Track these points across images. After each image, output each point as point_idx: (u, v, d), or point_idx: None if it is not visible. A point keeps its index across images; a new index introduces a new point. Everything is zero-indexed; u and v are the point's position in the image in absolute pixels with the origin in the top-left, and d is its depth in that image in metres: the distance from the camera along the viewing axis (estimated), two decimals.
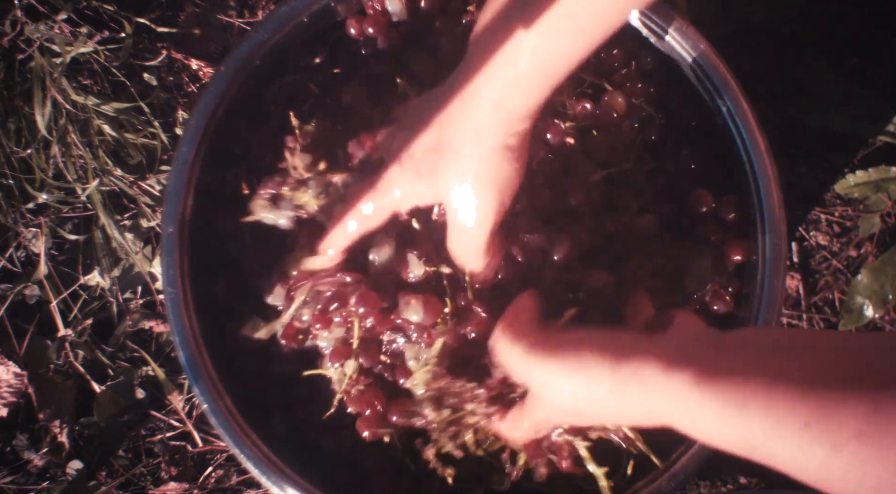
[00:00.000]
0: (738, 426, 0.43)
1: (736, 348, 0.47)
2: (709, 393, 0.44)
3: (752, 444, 0.43)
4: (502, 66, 0.53)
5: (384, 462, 0.67)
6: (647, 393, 0.48)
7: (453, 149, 0.56)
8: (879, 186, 0.86)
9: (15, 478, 0.87)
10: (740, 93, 0.66)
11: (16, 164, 0.88)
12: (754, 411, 0.42)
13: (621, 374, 0.48)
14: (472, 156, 0.56)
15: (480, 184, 0.56)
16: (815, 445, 0.40)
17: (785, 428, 0.41)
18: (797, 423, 0.41)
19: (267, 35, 0.69)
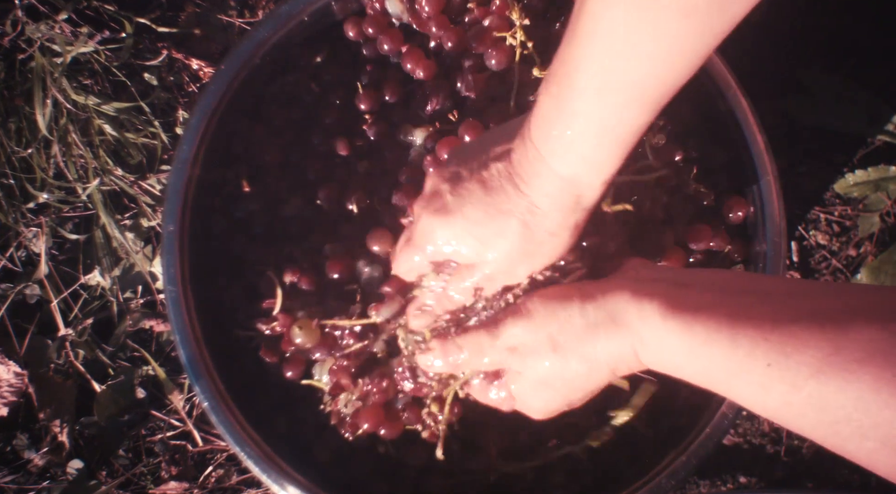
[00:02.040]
0: (704, 361, 0.45)
1: (700, 286, 0.48)
2: (676, 326, 0.46)
3: (716, 379, 0.46)
4: (574, 144, 0.49)
5: (384, 461, 0.67)
6: (616, 324, 0.49)
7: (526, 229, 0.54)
8: (879, 185, 0.86)
9: (15, 478, 0.87)
10: (740, 92, 0.67)
11: (16, 164, 0.88)
12: (719, 348, 0.44)
13: (590, 306, 0.50)
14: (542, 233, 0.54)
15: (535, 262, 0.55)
16: (776, 383, 0.42)
17: (748, 367, 0.43)
18: (759, 363, 0.43)
19: (267, 34, 0.69)
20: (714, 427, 0.63)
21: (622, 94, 0.46)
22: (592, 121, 0.48)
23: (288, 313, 0.66)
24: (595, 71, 0.46)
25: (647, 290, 0.49)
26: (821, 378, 0.40)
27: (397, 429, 0.65)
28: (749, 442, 0.86)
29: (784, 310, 0.44)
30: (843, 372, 0.40)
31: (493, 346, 0.55)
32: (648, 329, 0.48)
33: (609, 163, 0.50)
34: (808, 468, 0.85)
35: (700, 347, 0.45)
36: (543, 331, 0.52)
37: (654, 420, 0.67)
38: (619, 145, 0.49)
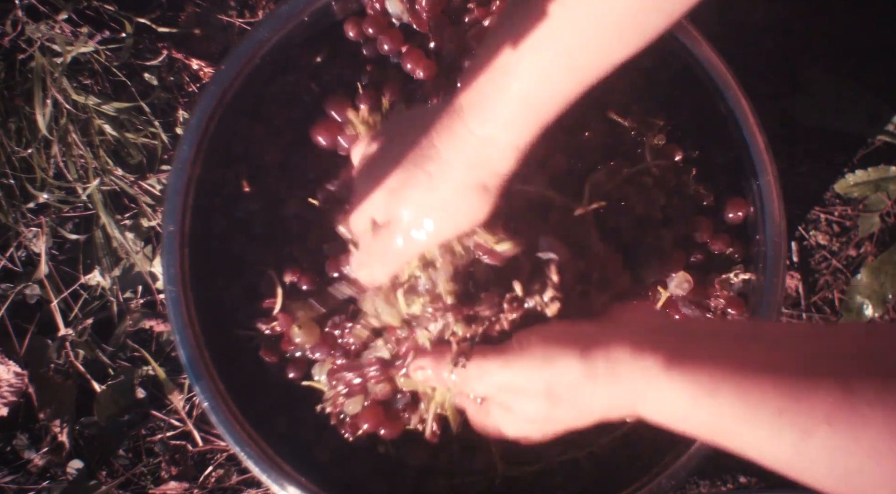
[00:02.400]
0: (709, 411, 0.44)
1: (704, 335, 0.47)
2: (679, 378, 0.45)
3: (722, 430, 0.44)
4: (494, 105, 0.51)
5: (384, 461, 0.67)
6: (616, 377, 0.47)
7: (430, 181, 0.54)
8: (879, 186, 0.86)
9: (15, 478, 0.87)
10: (740, 92, 0.67)
11: (16, 164, 0.88)
12: (726, 397, 0.43)
13: (590, 359, 0.48)
14: (447, 189, 0.54)
15: (444, 218, 0.55)
16: (786, 431, 0.41)
17: (757, 415, 0.42)
18: (770, 410, 0.41)
19: (267, 34, 0.69)
20: None
21: (559, 67, 0.47)
22: (522, 88, 0.49)
23: (287, 313, 0.66)
24: (533, 44, 0.47)
25: (648, 343, 0.47)
26: (832, 424, 0.39)
27: (397, 429, 0.65)
28: None
29: (791, 355, 0.43)
30: (854, 417, 0.39)
31: (482, 380, 0.53)
32: (650, 385, 0.46)
33: (526, 131, 0.51)
34: None
35: (706, 397, 0.44)
36: (539, 377, 0.50)
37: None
38: (539, 115, 0.50)
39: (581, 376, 0.48)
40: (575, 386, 0.49)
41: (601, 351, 0.48)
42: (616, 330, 0.50)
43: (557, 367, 0.49)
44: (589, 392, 0.49)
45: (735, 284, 0.67)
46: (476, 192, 0.54)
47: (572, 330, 0.52)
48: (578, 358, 0.49)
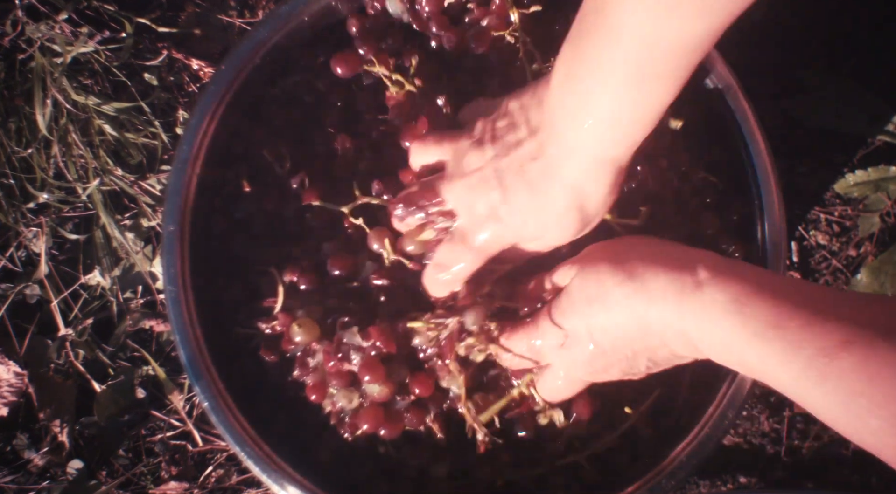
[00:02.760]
0: (749, 311, 0.47)
1: (747, 269, 0.51)
2: (728, 280, 0.49)
3: (756, 331, 0.47)
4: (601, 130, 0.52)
5: (384, 461, 0.67)
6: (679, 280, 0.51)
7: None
8: (879, 186, 0.86)
9: (15, 478, 0.87)
10: (740, 92, 0.67)
11: (16, 164, 0.88)
12: (766, 298, 0.47)
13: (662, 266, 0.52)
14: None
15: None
16: (805, 344, 0.44)
17: (787, 320, 0.45)
18: (797, 322, 0.45)
19: (267, 34, 0.69)
20: (714, 427, 0.63)
21: (657, 71, 0.49)
22: (625, 104, 0.51)
23: (288, 312, 0.66)
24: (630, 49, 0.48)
25: (719, 258, 0.52)
26: (848, 347, 0.42)
27: (397, 430, 0.65)
28: (749, 442, 0.86)
29: (832, 297, 0.47)
30: (870, 343, 0.41)
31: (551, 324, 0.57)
32: (708, 274, 0.50)
33: (640, 135, 0.54)
34: (808, 468, 0.85)
35: (744, 301, 0.47)
36: (611, 246, 0.57)
37: (654, 420, 0.67)
38: (652, 117, 0.52)
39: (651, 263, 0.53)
40: (642, 269, 0.52)
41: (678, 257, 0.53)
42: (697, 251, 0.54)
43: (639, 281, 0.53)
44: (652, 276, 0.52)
45: None
46: (613, 197, 0.58)
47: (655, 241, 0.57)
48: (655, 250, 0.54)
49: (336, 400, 0.65)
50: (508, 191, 0.58)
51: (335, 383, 0.65)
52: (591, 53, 0.50)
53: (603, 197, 0.57)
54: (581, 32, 0.50)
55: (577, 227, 0.59)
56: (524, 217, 0.58)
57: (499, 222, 0.59)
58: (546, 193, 0.56)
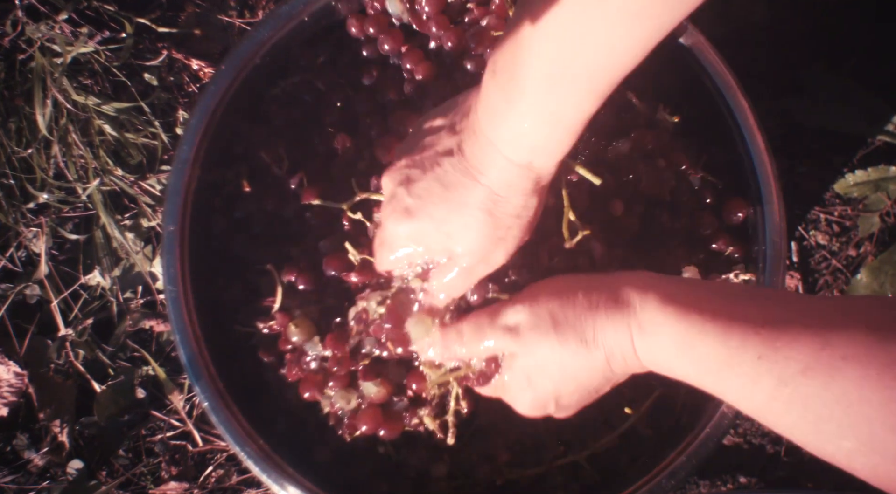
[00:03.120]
0: (697, 351, 0.46)
1: (697, 286, 0.51)
2: (673, 313, 0.47)
3: (707, 370, 0.46)
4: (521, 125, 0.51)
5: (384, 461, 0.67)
6: (617, 304, 0.50)
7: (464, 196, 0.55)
8: (879, 185, 0.86)
9: (15, 478, 0.87)
10: (740, 92, 0.67)
11: (16, 164, 0.88)
12: (713, 337, 0.45)
13: (594, 289, 0.52)
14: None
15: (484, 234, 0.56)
16: (764, 377, 0.43)
17: (738, 359, 0.44)
18: (750, 355, 0.43)
19: (267, 34, 0.69)
20: (714, 427, 0.63)
21: (573, 85, 0.47)
22: (543, 113, 0.49)
23: (285, 312, 0.66)
24: (546, 64, 0.47)
25: (648, 282, 0.51)
26: (808, 373, 0.41)
27: (396, 430, 0.65)
28: (749, 442, 0.86)
29: (777, 311, 0.45)
30: (829, 369, 0.41)
31: (492, 326, 0.56)
32: (647, 313, 0.49)
33: (560, 149, 0.52)
34: (808, 468, 0.85)
35: (695, 337, 0.46)
36: (545, 308, 0.53)
37: (654, 420, 0.67)
38: (569, 132, 0.51)
39: (585, 303, 0.51)
40: (579, 312, 0.52)
41: (605, 282, 0.52)
42: (621, 276, 0.53)
43: (562, 297, 0.52)
44: (592, 317, 0.51)
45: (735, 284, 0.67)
46: (531, 211, 0.56)
47: (580, 276, 0.55)
48: (583, 289, 0.52)
49: (335, 400, 0.65)
50: (419, 186, 0.56)
51: (333, 384, 0.65)
52: (514, 53, 0.48)
53: (517, 207, 0.55)
54: (510, 30, 0.49)
55: (488, 238, 0.56)
56: (436, 216, 0.56)
57: (410, 218, 0.57)
58: (459, 194, 0.55)
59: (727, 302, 0.47)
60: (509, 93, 0.49)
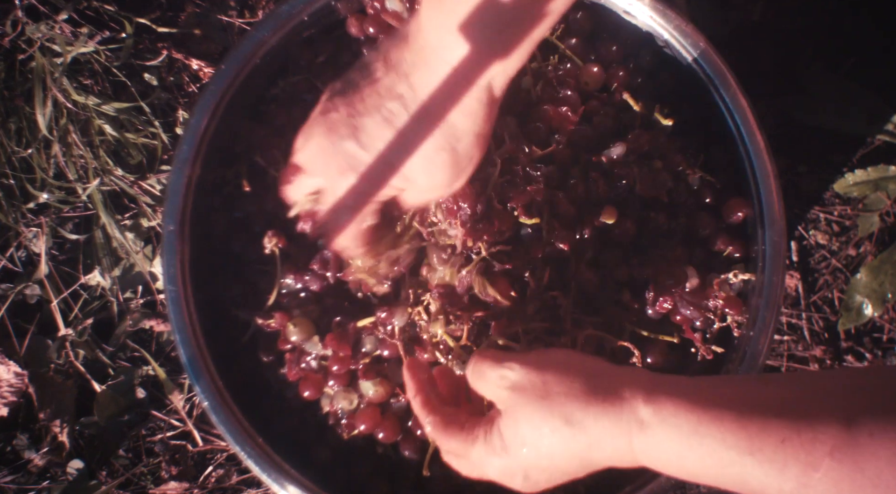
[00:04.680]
0: (711, 441, 0.43)
1: (706, 381, 0.48)
2: (682, 405, 0.45)
3: (726, 462, 0.43)
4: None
5: (384, 461, 0.67)
6: (619, 399, 0.47)
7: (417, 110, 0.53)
8: (878, 185, 0.86)
9: (15, 478, 0.87)
10: (740, 92, 0.66)
11: (17, 164, 0.88)
12: (729, 425, 0.43)
13: (596, 377, 0.49)
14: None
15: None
16: (790, 462, 0.40)
17: (760, 444, 0.41)
18: (772, 439, 0.41)
19: (267, 34, 0.69)
20: None
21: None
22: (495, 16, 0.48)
23: (285, 311, 0.66)
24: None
25: (652, 378, 0.48)
26: (836, 456, 0.39)
27: (395, 432, 0.65)
28: None
29: (794, 391, 0.43)
30: (858, 448, 0.38)
31: (492, 369, 0.53)
32: (650, 408, 0.46)
33: (515, 60, 0.51)
34: None
35: (707, 425, 0.43)
36: (541, 377, 0.50)
37: None
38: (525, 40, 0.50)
39: (585, 390, 0.48)
40: (580, 398, 0.49)
41: (608, 374, 0.49)
42: (625, 371, 0.50)
43: (563, 376, 0.50)
44: (582, 409, 0.48)
45: (735, 284, 0.67)
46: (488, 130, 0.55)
47: (590, 360, 0.52)
48: (586, 377, 0.49)
49: (335, 400, 0.66)
50: (363, 134, 0.54)
51: (334, 383, 0.65)
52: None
53: (474, 134, 0.54)
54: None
55: (450, 173, 0.55)
56: (388, 161, 0.55)
57: (358, 171, 0.56)
58: (412, 130, 0.53)
59: (739, 388, 0.45)
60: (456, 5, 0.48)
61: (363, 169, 0.55)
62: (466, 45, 0.49)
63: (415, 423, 0.65)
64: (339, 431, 0.66)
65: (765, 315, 0.64)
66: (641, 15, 0.68)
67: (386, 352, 0.65)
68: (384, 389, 0.64)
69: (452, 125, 0.53)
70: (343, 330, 0.65)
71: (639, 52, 0.71)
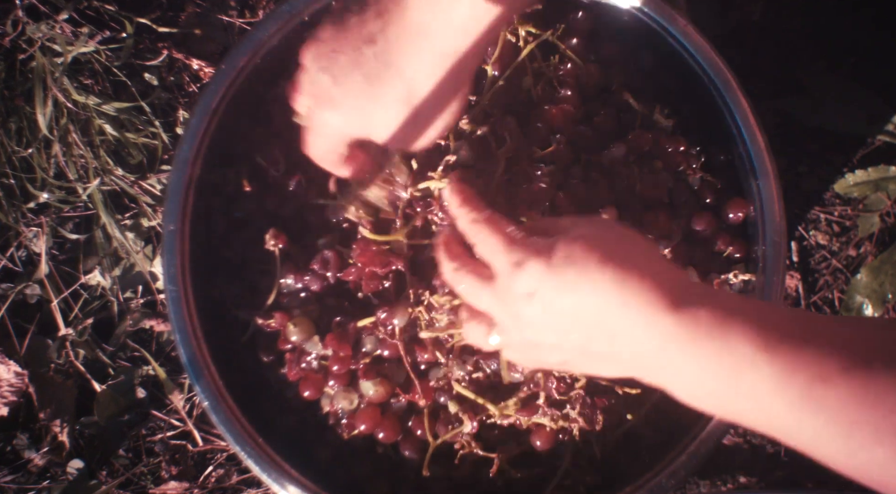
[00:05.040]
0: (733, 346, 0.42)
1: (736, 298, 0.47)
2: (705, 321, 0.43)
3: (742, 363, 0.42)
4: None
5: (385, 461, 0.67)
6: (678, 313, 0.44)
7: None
8: (878, 185, 0.86)
9: (15, 478, 0.87)
10: (740, 92, 0.67)
11: (17, 164, 0.88)
12: (748, 334, 0.42)
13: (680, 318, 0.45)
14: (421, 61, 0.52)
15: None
16: (800, 370, 0.41)
17: (775, 347, 0.41)
18: (786, 347, 0.41)
19: (268, 34, 0.69)
20: (714, 427, 0.63)
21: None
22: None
23: (285, 311, 0.66)
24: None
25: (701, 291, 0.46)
26: (846, 374, 0.39)
27: (395, 432, 0.65)
28: (749, 442, 0.86)
29: (818, 326, 0.43)
30: (871, 371, 0.39)
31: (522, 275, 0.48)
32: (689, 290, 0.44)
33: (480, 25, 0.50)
34: (808, 468, 0.85)
35: (733, 319, 0.42)
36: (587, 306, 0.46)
37: (654, 420, 0.67)
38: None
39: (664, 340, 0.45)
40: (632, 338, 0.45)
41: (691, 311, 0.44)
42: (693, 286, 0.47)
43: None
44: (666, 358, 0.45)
45: (735, 284, 0.67)
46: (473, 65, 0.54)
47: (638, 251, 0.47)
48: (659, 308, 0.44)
49: (335, 400, 0.66)
50: (337, 70, 0.54)
51: (334, 383, 0.65)
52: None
53: (435, 95, 0.53)
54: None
55: (405, 125, 0.55)
56: (359, 109, 0.55)
57: (333, 107, 0.55)
58: (378, 77, 0.53)
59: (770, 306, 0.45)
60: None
61: (334, 104, 0.55)
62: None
63: (415, 423, 0.65)
64: (340, 431, 0.66)
65: None
66: (641, 15, 0.68)
67: (386, 352, 0.65)
68: (384, 389, 0.64)
69: (411, 79, 0.53)
70: (343, 329, 0.65)
71: (639, 52, 0.71)
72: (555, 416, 0.62)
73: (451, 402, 0.64)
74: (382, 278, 0.65)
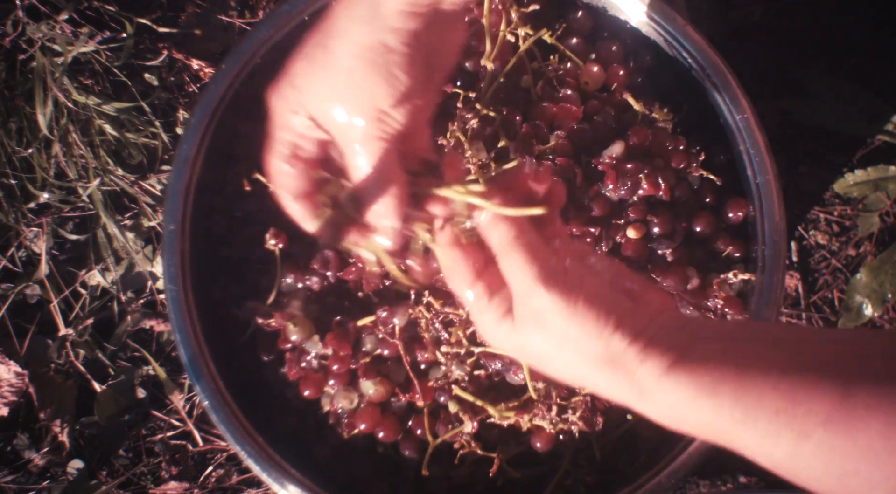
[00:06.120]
0: (708, 409, 0.44)
1: (707, 334, 0.47)
2: (682, 377, 0.45)
3: (721, 428, 0.44)
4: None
5: (385, 460, 0.67)
6: (622, 370, 0.47)
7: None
8: (878, 185, 0.86)
9: (16, 477, 0.87)
10: (740, 92, 0.67)
11: (17, 164, 0.88)
12: (726, 396, 0.43)
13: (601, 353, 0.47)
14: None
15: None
16: (783, 432, 0.41)
17: (755, 415, 0.42)
18: (767, 410, 0.41)
19: (268, 34, 0.69)
20: None
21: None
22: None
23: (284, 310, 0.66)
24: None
25: (652, 341, 0.47)
26: (829, 426, 0.39)
27: (395, 431, 0.65)
28: None
29: (793, 358, 0.43)
30: (852, 419, 0.39)
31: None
32: (651, 381, 0.46)
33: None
34: None
35: (705, 397, 0.44)
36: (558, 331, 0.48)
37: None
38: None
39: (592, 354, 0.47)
40: (584, 358, 0.47)
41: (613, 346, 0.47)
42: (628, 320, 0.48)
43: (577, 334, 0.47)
44: (594, 370, 0.47)
45: (734, 284, 0.67)
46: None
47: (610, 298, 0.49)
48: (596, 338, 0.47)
49: (335, 399, 0.66)
50: (297, 78, 0.54)
51: (334, 382, 0.65)
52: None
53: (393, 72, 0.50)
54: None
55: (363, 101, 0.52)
56: (316, 85, 0.54)
57: (296, 90, 0.55)
58: (332, 51, 0.52)
59: (738, 349, 0.45)
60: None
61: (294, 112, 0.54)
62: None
63: (415, 423, 0.65)
64: (340, 430, 0.66)
65: (765, 315, 0.64)
66: (641, 15, 0.68)
67: (386, 352, 0.65)
68: (384, 388, 0.64)
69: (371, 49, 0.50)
70: (343, 329, 0.65)
71: (639, 52, 0.71)
72: (554, 420, 0.62)
73: (451, 402, 0.64)
74: (383, 277, 0.65)
